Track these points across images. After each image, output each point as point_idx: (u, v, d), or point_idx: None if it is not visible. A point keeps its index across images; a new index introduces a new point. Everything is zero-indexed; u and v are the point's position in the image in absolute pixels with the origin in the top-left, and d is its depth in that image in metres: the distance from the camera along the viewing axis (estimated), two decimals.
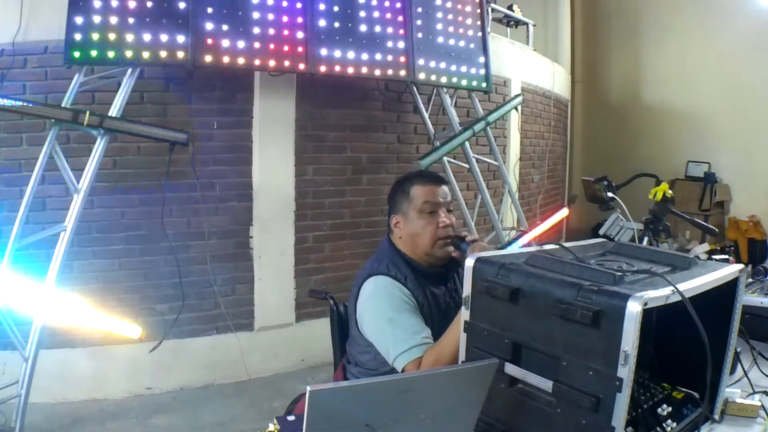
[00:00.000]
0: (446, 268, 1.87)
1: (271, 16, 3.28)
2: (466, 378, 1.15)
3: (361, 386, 1.05)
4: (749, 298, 1.92)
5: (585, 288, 1.14)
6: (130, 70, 2.98)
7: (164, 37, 2.99)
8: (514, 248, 1.91)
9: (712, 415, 1.36)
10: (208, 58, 3.11)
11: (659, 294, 1.10)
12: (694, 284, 1.20)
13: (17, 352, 2.77)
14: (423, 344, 1.62)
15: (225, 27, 3.14)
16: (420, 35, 3.85)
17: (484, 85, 4.27)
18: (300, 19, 3.37)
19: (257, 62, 3.28)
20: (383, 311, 1.69)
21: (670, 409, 1.35)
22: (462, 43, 4.11)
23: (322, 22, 3.45)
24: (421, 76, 3.85)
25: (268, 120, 3.70)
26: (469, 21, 4.17)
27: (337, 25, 3.50)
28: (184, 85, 3.39)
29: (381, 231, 3.33)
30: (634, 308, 1.05)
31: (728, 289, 1.33)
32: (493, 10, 5.02)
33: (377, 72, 3.70)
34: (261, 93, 3.65)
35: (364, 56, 3.61)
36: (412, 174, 1.95)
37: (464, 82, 4.16)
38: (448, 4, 4.03)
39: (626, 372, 1.06)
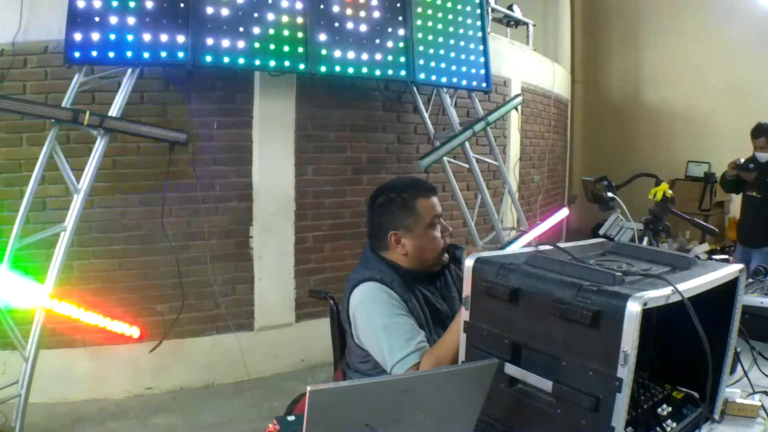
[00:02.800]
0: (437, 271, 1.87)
1: (271, 16, 3.28)
2: (466, 378, 1.15)
3: (361, 386, 1.05)
4: (749, 298, 1.91)
5: (584, 288, 1.14)
6: (130, 70, 2.98)
7: (164, 37, 2.99)
8: (513, 248, 1.91)
9: (712, 415, 1.36)
10: (208, 58, 3.11)
11: (659, 294, 1.10)
12: (693, 284, 1.20)
13: (17, 352, 2.77)
14: (419, 350, 1.60)
15: (225, 27, 3.15)
16: (420, 35, 3.85)
17: (484, 85, 4.28)
18: (300, 19, 3.38)
19: (257, 62, 3.28)
20: (376, 319, 1.67)
21: (670, 409, 1.34)
22: (462, 43, 4.11)
23: (322, 22, 3.45)
24: (421, 76, 3.85)
25: (268, 120, 3.70)
26: (469, 21, 4.17)
27: (337, 25, 3.51)
28: (184, 85, 3.38)
29: None
30: (633, 308, 1.05)
31: (728, 289, 1.33)
32: (493, 10, 5.02)
33: (377, 72, 3.71)
34: (261, 93, 3.65)
35: (364, 56, 3.61)
36: (404, 185, 1.83)
37: (464, 82, 4.17)
38: (448, 4, 4.03)
39: (626, 372, 1.06)
